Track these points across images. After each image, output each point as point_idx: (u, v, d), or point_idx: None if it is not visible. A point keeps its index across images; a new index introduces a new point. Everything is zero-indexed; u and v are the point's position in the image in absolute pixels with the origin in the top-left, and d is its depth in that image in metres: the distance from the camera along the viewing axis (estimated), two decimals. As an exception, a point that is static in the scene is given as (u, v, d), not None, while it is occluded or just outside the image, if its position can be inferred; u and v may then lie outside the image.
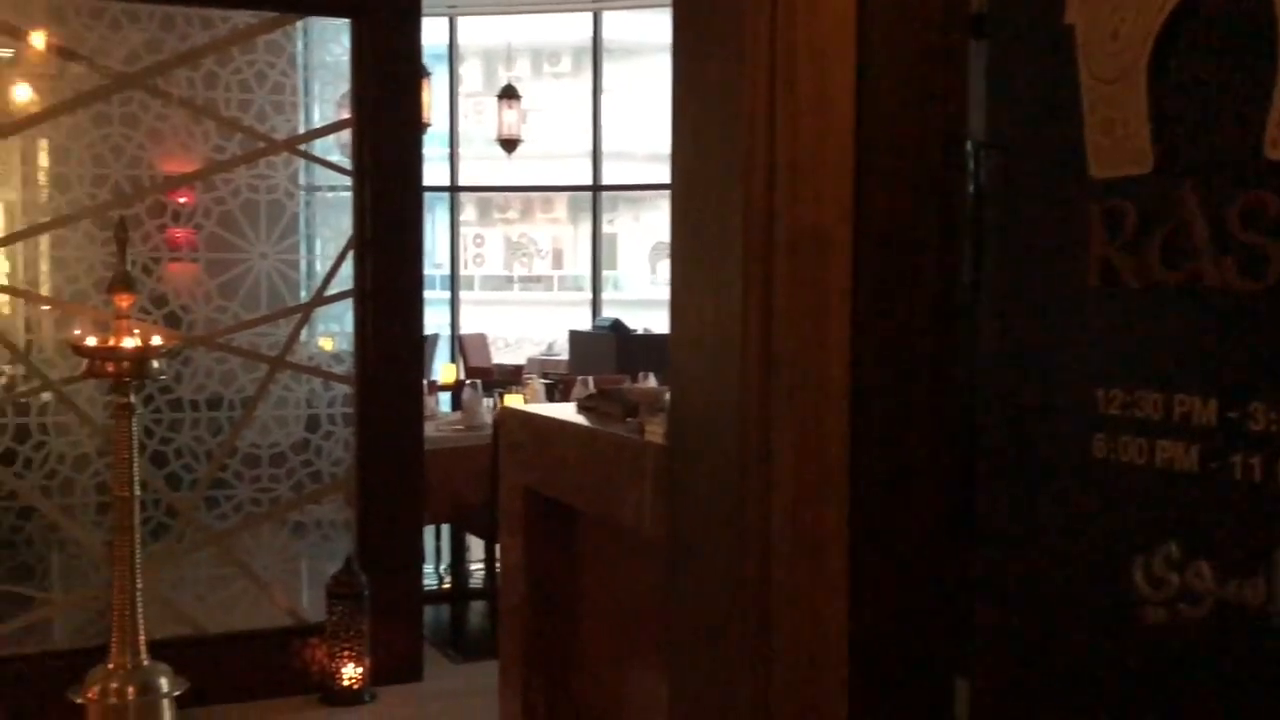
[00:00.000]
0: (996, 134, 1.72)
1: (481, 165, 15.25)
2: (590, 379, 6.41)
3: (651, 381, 6.48)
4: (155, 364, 4.25)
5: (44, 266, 5.09)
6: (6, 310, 4.94)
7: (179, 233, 4.87)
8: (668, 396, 3.08)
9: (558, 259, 24.73)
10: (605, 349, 9.58)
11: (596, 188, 12.09)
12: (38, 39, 4.58)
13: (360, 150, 4.88)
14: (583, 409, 3.79)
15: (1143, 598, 1.43)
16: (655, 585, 3.40)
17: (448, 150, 12.32)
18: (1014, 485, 1.64)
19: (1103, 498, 1.49)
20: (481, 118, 19.21)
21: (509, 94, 9.79)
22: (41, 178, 4.91)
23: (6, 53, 4.68)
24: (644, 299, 19.30)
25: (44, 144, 4.89)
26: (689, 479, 2.09)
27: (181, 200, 4.85)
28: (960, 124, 1.86)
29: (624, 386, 5.64)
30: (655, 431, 3.13)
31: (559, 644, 3.89)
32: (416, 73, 4.99)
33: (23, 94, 4.69)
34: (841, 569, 1.89)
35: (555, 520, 3.83)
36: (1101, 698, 1.52)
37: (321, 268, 5.19)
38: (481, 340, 12.58)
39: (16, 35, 4.55)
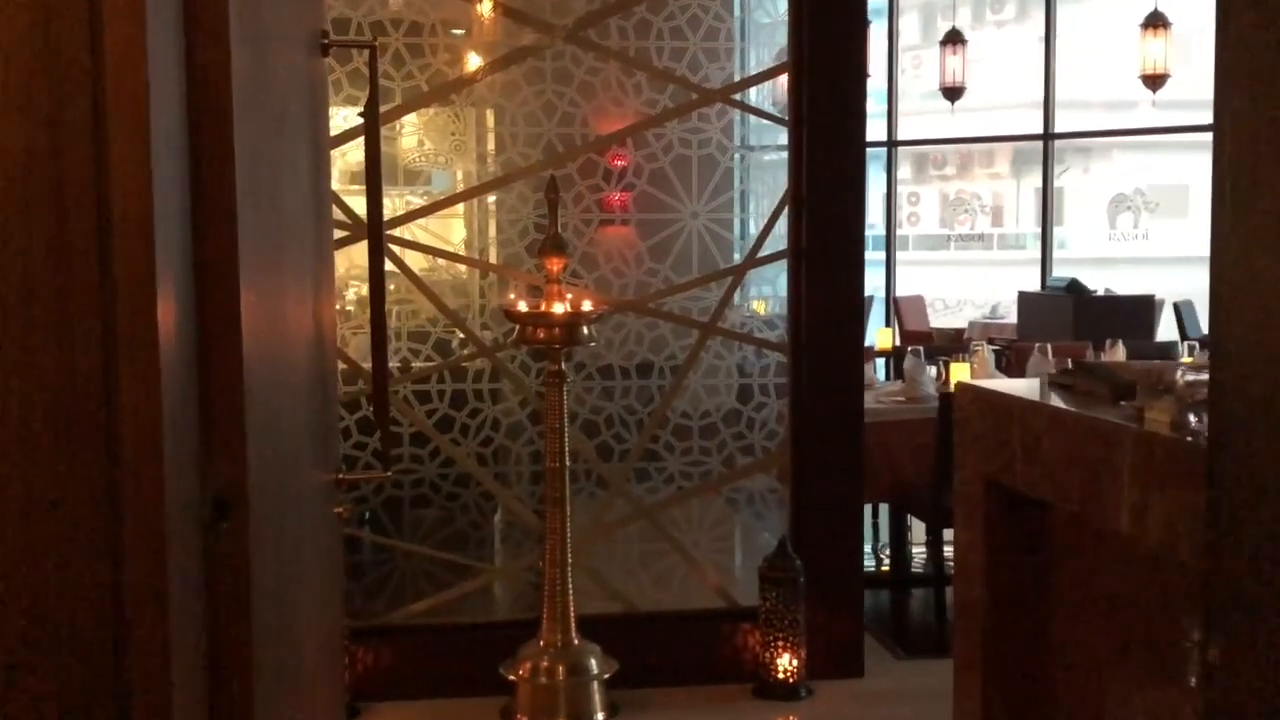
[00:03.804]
0: None
1: (918, 120, 14.68)
2: (1049, 347, 5.77)
3: (1120, 352, 5.74)
4: (586, 330, 4.08)
5: (492, 231, 5.09)
6: (446, 276, 4.94)
7: (614, 197, 4.68)
8: (1178, 375, 2.53)
9: (997, 216, 23.66)
10: (1060, 313, 8.76)
11: (1048, 136, 11.11)
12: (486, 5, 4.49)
13: (799, 99, 4.50)
14: (1057, 386, 3.28)
15: None
16: (1148, 597, 2.85)
17: (884, 106, 11.74)
18: None
19: None
20: (918, 71, 18.56)
21: (954, 39, 9.13)
22: (487, 141, 4.86)
23: (460, 31, 4.65)
24: (1098, 257, 18.03)
25: (485, 108, 4.84)
26: (1242, 492, 1.55)
27: (618, 163, 4.65)
28: None
29: (1113, 361, 4.99)
30: (1159, 420, 2.57)
31: (1024, 651, 3.42)
32: (861, 14, 4.55)
33: (473, 62, 4.64)
34: None
35: (1021, 515, 3.34)
36: None
37: (755, 227, 4.87)
38: (919, 303, 11.99)
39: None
